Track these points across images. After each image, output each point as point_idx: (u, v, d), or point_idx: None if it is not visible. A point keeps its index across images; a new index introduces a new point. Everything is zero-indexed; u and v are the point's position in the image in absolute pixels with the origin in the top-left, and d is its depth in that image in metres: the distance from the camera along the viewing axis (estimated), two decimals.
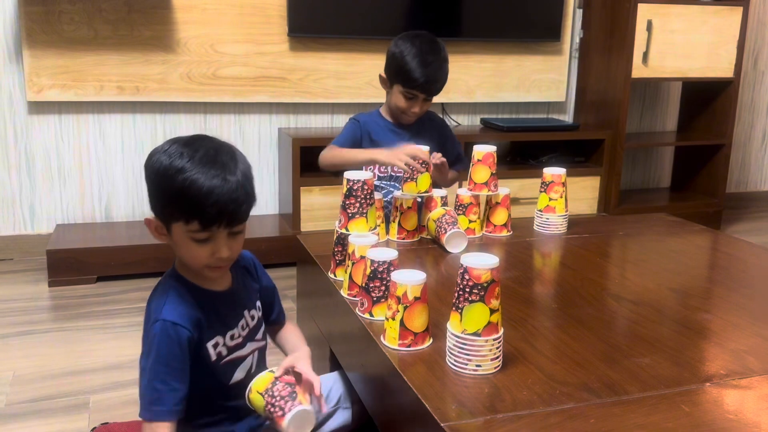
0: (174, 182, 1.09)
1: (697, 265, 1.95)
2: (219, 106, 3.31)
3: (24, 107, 3.07)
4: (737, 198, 4.44)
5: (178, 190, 1.09)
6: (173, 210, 1.13)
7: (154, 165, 1.13)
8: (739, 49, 3.68)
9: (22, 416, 1.91)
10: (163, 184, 1.12)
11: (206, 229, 1.12)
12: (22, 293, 2.77)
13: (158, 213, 1.16)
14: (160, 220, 1.16)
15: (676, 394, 1.14)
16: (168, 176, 1.10)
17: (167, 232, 1.16)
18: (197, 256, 1.16)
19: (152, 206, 1.16)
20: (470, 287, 1.15)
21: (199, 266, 1.18)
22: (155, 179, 1.13)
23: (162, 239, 1.18)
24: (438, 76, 2.09)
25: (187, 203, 1.10)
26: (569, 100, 3.93)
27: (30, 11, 2.93)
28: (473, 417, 1.06)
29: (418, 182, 1.87)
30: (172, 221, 1.14)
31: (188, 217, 1.11)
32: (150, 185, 1.15)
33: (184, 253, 1.17)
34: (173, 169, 1.10)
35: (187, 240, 1.14)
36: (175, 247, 1.18)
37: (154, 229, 1.18)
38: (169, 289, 1.20)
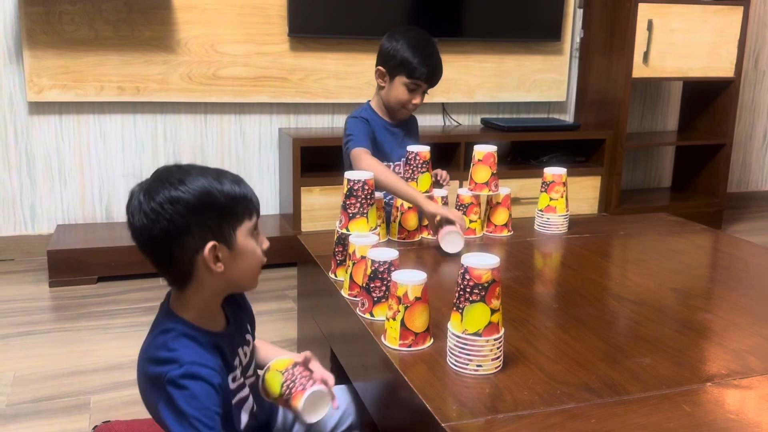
0: (225, 190, 1.11)
1: (698, 264, 1.95)
2: (219, 107, 3.31)
3: (24, 108, 3.07)
4: (738, 198, 4.43)
5: (234, 193, 1.12)
6: (236, 215, 1.12)
7: (194, 193, 1.08)
8: (739, 49, 3.67)
9: (23, 416, 1.91)
10: (217, 199, 1.10)
11: (258, 219, 1.16)
12: (23, 294, 2.78)
13: (216, 233, 1.10)
14: (220, 242, 1.10)
15: (677, 394, 1.14)
16: (216, 190, 1.10)
17: (229, 248, 1.12)
18: (258, 256, 1.17)
19: (202, 237, 1.09)
20: (471, 287, 1.15)
21: (258, 269, 1.18)
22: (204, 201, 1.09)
23: (218, 268, 1.11)
24: (440, 66, 2.12)
25: (246, 199, 1.14)
26: (570, 100, 3.93)
27: (30, 12, 2.93)
28: (474, 417, 1.06)
29: (419, 182, 1.88)
30: (237, 227, 1.12)
31: (251, 211, 1.15)
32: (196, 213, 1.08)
33: (247, 262, 1.15)
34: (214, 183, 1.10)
35: (249, 242, 1.14)
36: (233, 265, 1.13)
37: (213, 257, 1.10)
38: (176, 337, 1.12)
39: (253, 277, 1.18)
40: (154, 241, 1.10)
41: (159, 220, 1.07)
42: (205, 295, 1.15)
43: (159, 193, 1.08)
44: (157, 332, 1.14)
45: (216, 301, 1.18)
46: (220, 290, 1.17)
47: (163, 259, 1.13)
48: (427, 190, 1.89)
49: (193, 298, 1.15)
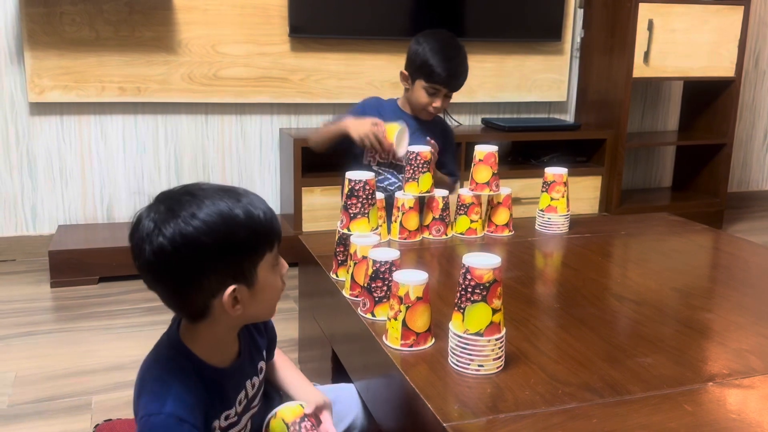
0: (246, 222, 0.99)
1: (699, 264, 1.95)
2: (220, 107, 3.31)
3: (26, 108, 3.07)
4: (739, 197, 4.43)
5: (254, 227, 1.00)
6: (256, 251, 1.02)
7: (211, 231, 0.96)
8: (740, 49, 3.67)
9: (25, 417, 1.91)
10: (237, 236, 0.99)
11: (278, 246, 1.06)
12: (24, 294, 2.78)
13: (236, 274, 1.00)
14: (240, 283, 1.01)
15: (678, 394, 1.14)
16: (235, 223, 0.98)
17: (249, 288, 1.02)
18: (278, 288, 1.08)
19: (221, 280, 0.99)
20: (472, 287, 1.15)
21: (276, 301, 1.09)
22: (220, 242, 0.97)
23: (236, 311, 1.02)
24: (460, 70, 2.13)
25: (265, 229, 1.02)
26: (570, 100, 3.93)
27: (31, 12, 2.94)
28: (476, 417, 1.06)
29: (420, 182, 1.88)
30: (258, 262, 1.02)
31: (271, 242, 1.04)
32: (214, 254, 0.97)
33: (267, 297, 1.06)
34: (229, 214, 0.98)
35: (269, 276, 1.05)
36: (252, 303, 1.04)
37: (232, 301, 1.00)
38: (175, 369, 1.04)
39: (272, 308, 1.10)
40: (163, 280, 1.00)
41: (171, 262, 0.97)
42: (218, 330, 1.06)
43: (170, 228, 0.96)
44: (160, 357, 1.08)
45: (230, 335, 1.11)
46: (236, 326, 1.10)
47: (173, 300, 1.03)
48: (428, 190, 1.89)
49: (204, 333, 1.06)
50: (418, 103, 2.17)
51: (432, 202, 1.93)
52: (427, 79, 2.12)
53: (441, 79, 2.10)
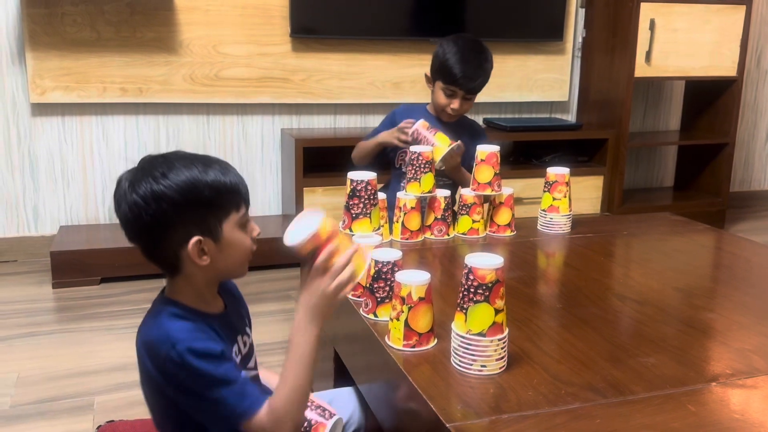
0: (211, 182, 1.08)
1: (701, 264, 1.95)
2: (222, 107, 3.31)
3: (27, 109, 3.08)
4: (741, 197, 4.43)
5: (220, 185, 1.09)
6: (222, 207, 1.10)
7: (176, 188, 1.06)
8: (742, 48, 3.67)
9: (27, 417, 1.91)
10: (201, 193, 1.07)
11: (246, 208, 1.14)
12: (26, 295, 2.78)
13: (202, 228, 1.08)
14: (205, 236, 1.09)
15: (681, 394, 1.14)
16: (202, 183, 1.08)
17: (215, 241, 1.10)
18: (246, 246, 1.14)
19: (187, 232, 1.08)
20: (475, 287, 1.15)
21: (246, 259, 1.16)
22: (188, 197, 1.07)
23: (203, 261, 1.09)
24: (476, 73, 2.16)
25: (231, 191, 1.11)
26: (572, 100, 3.93)
27: (33, 13, 2.94)
28: (478, 417, 1.06)
29: (422, 183, 1.88)
30: (223, 220, 1.10)
31: (237, 202, 1.12)
32: (180, 209, 1.07)
33: (234, 253, 1.13)
34: (199, 175, 1.08)
35: (236, 234, 1.12)
36: (220, 257, 1.11)
37: (198, 252, 1.08)
38: (170, 315, 1.12)
39: (241, 266, 1.16)
40: (138, 233, 1.10)
41: (142, 215, 1.06)
42: (195, 283, 1.14)
43: (142, 186, 1.07)
44: (151, 315, 1.15)
45: (209, 289, 1.17)
46: (210, 280, 1.16)
47: (148, 251, 1.12)
48: (430, 191, 1.89)
49: (183, 286, 1.14)
50: (437, 104, 2.22)
51: (434, 202, 1.93)
52: (444, 80, 2.16)
53: (456, 80, 2.13)
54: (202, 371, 1.06)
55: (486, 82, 2.21)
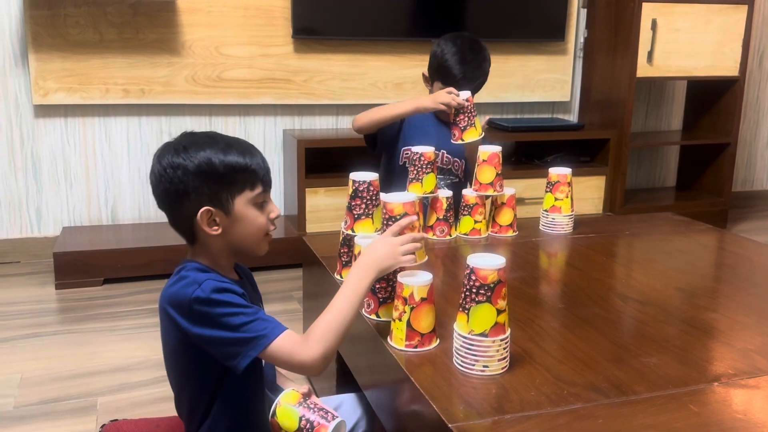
0: (227, 160, 1.18)
1: (703, 264, 1.95)
2: (224, 108, 3.32)
3: (30, 111, 3.08)
4: (743, 197, 4.42)
5: (235, 164, 1.18)
6: (235, 183, 1.19)
7: (194, 161, 1.17)
8: (744, 48, 3.67)
9: (30, 418, 1.92)
10: (215, 169, 1.17)
11: (265, 190, 1.23)
12: (29, 296, 2.78)
13: (213, 200, 1.18)
14: (216, 207, 1.18)
15: (684, 394, 1.14)
16: (218, 159, 1.18)
17: (226, 214, 1.19)
18: (260, 224, 1.23)
19: (199, 201, 1.17)
20: (477, 288, 1.15)
21: (261, 235, 1.24)
22: (204, 170, 1.17)
23: (213, 230, 1.19)
24: (476, 74, 2.14)
25: (247, 171, 1.20)
26: (574, 100, 3.93)
27: (35, 15, 2.94)
28: (481, 418, 1.06)
29: (424, 183, 1.88)
30: (236, 195, 1.19)
31: (253, 182, 1.21)
32: (194, 179, 1.17)
33: (246, 228, 1.21)
34: (217, 153, 1.18)
35: (249, 210, 1.21)
36: (232, 229, 1.20)
37: (207, 220, 1.18)
38: (197, 270, 1.19)
39: (255, 242, 1.24)
40: (160, 199, 1.21)
41: (162, 182, 1.18)
42: (211, 251, 1.23)
43: (165, 157, 1.19)
44: (174, 275, 1.22)
45: (225, 259, 1.25)
46: (225, 251, 1.24)
47: (169, 216, 1.23)
48: (432, 191, 1.89)
49: (201, 253, 1.23)
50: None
51: (436, 202, 1.93)
52: (443, 80, 2.14)
53: (456, 81, 2.11)
54: (228, 301, 1.14)
55: (485, 81, 2.20)
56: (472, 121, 2.02)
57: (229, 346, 1.14)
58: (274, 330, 1.15)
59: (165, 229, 1.27)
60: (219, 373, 1.19)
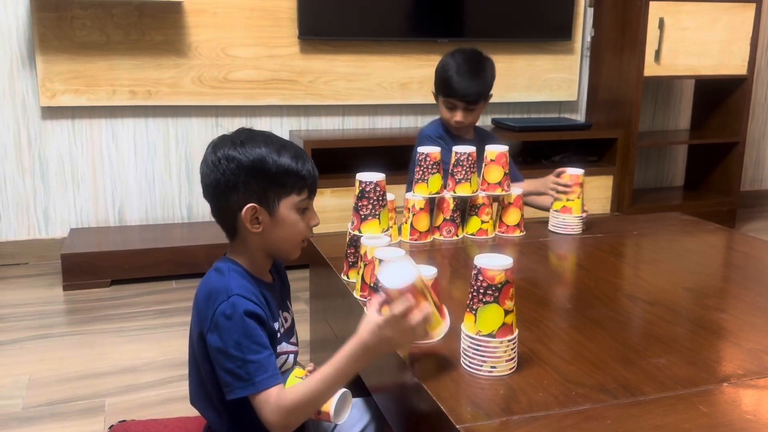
0: (280, 162, 1.20)
1: (712, 264, 1.94)
2: (230, 110, 3.32)
3: (37, 112, 3.09)
4: (752, 196, 4.40)
5: (287, 167, 1.21)
6: (284, 186, 1.21)
7: (248, 157, 1.19)
8: (752, 46, 3.65)
9: (39, 419, 1.92)
10: (268, 168, 1.19)
11: (310, 197, 1.26)
12: (37, 297, 2.79)
13: (260, 198, 1.20)
14: (262, 206, 1.20)
15: (693, 395, 1.13)
16: (272, 159, 1.20)
17: (270, 215, 1.21)
18: (299, 229, 1.25)
19: (246, 197, 1.20)
20: (484, 288, 1.15)
21: (298, 241, 1.27)
22: (257, 167, 1.19)
23: (255, 228, 1.21)
24: (472, 85, 2.16)
25: (297, 176, 1.23)
26: (581, 100, 3.92)
27: (42, 17, 2.96)
28: (489, 419, 1.06)
29: (429, 183, 1.87)
30: (282, 197, 1.22)
31: (300, 187, 1.24)
32: (245, 175, 1.19)
33: (286, 232, 1.24)
34: (272, 153, 1.20)
35: (292, 214, 1.23)
36: (272, 230, 1.23)
37: (251, 217, 1.20)
38: (231, 270, 1.22)
39: (292, 246, 1.27)
40: (208, 189, 1.23)
41: (214, 172, 1.20)
42: (250, 248, 1.25)
43: (221, 148, 1.20)
44: (215, 269, 1.25)
45: (263, 258, 1.27)
46: (263, 250, 1.26)
47: (214, 207, 1.25)
48: (438, 191, 1.89)
49: (240, 250, 1.26)
50: (443, 118, 2.24)
51: (442, 203, 1.92)
52: (443, 93, 2.19)
53: (453, 92, 2.15)
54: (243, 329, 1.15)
55: (486, 92, 2.20)
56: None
57: (226, 373, 1.16)
58: (268, 381, 1.14)
59: (172, 230, 1.28)
60: None
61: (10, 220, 3.15)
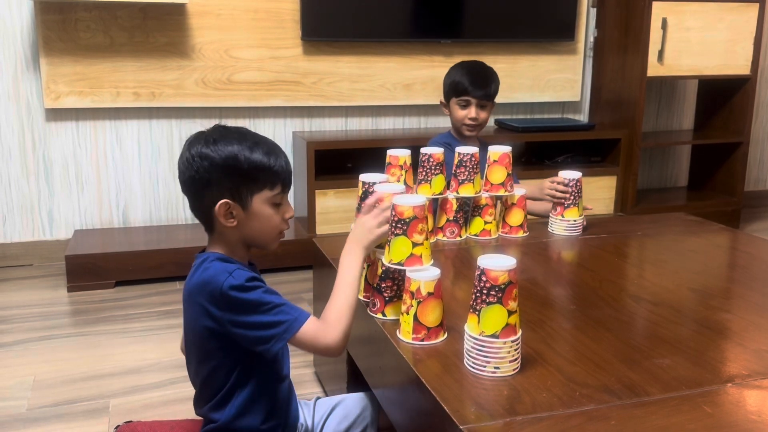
0: (252, 158, 1.23)
1: (716, 264, 1.93)
2: (234, 111, 3.32)
3: (42, 114, 3.10)
4: (756, 196, 4.39)
5: (259, 163, 1.24)
6: (256, 181, 1.24)
7: (220, 154, 1.22)
8: (755, 46, 3.64)
9: (44, 420, 1.93)
10: (240, 164, 1.22)
11: (284, 191, 1.28)
12: (42, 299, 2.80)
13: (233, 194, 1.23)
14: (235, 201, 1.23)
15: (697, 395, 1.13)
16: (243, 156, 1.23)
17: (243, 209, 1.24)
18: (274, 223, 1.28)
19: (220, 193, 1.23)
20: (488, 289, 1.15)
21: (275, 234, 1.30)
22: (228, 164, 1.22)
23: (229, 222, 1.24)
24: (484, 81, 2.27)
25: (270, 171, 1.25)
26: (584, 100, 3.91)
27: (47, 19, 2.96)
28: (492, 419, 1.06)
29: (432, 184, 1.87)
30: (255, 193, 1.25)
31: (273, 182, 1.26)
32: (218, 172, 1.22)
33: (261, 225, 1.27)
34: (244, 149, 1.23)
35: (266, 208, 1.26)
36: (247, 224, 1.26)
37: (224, 212, 1.23)
38: (215, 259, 1.25)
39: (268, 237, 1.30)
40: (184, 185, 1.26)
41: (189, 170, 1.23)
42: (227, 241, 1.28)
43: (195, 146, 1.24)
44: (196, 266, 1.26)
45: (240, 249, 1.30)
46: (240, 243, 1.29)
47: (191, 203, 1.28)
48: (441, 192, 1.89)
49: (217, 243, 1.29)
50: (456, 120, 2.30)
51: (446, 204, 1.92)
52: (456, 94, 2.26)
53: (466, 88, 2.24)
54: (260, 287, 1.21)
55: (495, 92, 2.29)
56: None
57: (263, 330, 1.20)
58: (302, 315, 1.22)
59: (176, 232, 1.29)
60: (247, 360, 1.25)
61: (14, 222, 3.16)
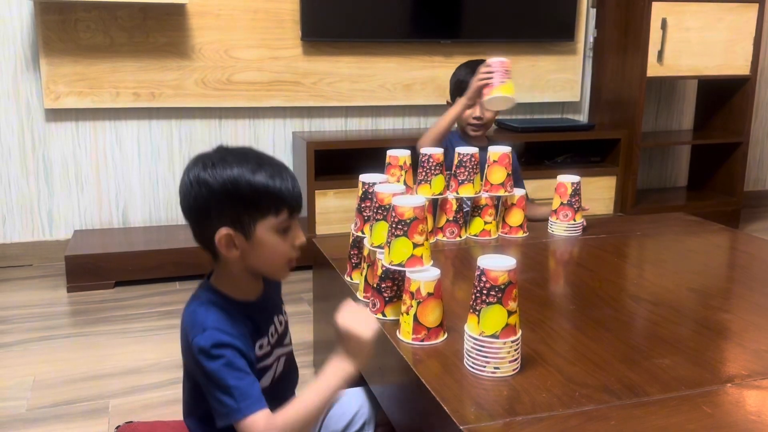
0: (254, 182, 1.13)
1: (716, 264, 1.93)
2: (234, 111, 3.32)
3: (41, 115, 3.10)
4: (756, 196, 4.39)
5: (261, 187, 1.13)
6: (259, 208, 1.15)
7: (218, 180, 1.12)
8: (755, 46, 3.64)
9: (43, 421, 1.93)
10: (240, 190, 1.13)
11: (291, 216, 1.18)
12: (41, 299, 2.80)
13: (234, 222, 1.14)
14: (237, 230, 1.14)
15: (697, 395, 1.13)
16: (244, 180, 1.13)
17: (246, 239, 1.15)
18: (282, 251, 1.18)
19: (220, 222, 1.14)
20: (487, 289, 1.15)
21: (282, 263, 1.20)
22: (228, 190, 1.13)
23: (232, 253, 1.16)
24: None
25: (274, 196, 1.15)
26: (584, 100, 3.91)
27: (47, 20, 2.96)
28: (492, 419, 1.06)
29: (432, 185, 1.87)
30: (258, 220, 1.15)
31: (278, 208, 1.15)
32: (216, 199, 1.13)
33: (267, 254, 1.18)
34: (245, 173, 1.13)
35: (272, 236, 1.16)
36: (251, 254, 1.17)
37: (226, 243, 1.15)
38: (208, 303, 1.18)
39: (276, 267, 1.21)
40: (184, 213, 1.19)
41: (187, 197, 1.16)
42: (231, 271, 1.20)
43: (193, 170, 1.15)
44: (194, 297, 1.21)
45: (246, 279, 1.22)
46: (244, 272, 1.21)
47: (193, 231, 1.20)
48: (441, 192, 1.89)
49: (222, 272, 1.21)
50: (462, 120, 2.29)
51: (445, 204, 1.92)
52: (461, 93, 2.25)
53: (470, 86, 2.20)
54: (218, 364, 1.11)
55: None
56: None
57: (212, 400, 1.14)
58: (248, 408, 1.11)
59: (176, 232, 1.27)
60: None
61: (14, 222, 3.16)
